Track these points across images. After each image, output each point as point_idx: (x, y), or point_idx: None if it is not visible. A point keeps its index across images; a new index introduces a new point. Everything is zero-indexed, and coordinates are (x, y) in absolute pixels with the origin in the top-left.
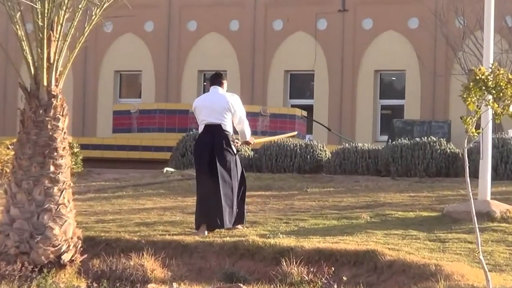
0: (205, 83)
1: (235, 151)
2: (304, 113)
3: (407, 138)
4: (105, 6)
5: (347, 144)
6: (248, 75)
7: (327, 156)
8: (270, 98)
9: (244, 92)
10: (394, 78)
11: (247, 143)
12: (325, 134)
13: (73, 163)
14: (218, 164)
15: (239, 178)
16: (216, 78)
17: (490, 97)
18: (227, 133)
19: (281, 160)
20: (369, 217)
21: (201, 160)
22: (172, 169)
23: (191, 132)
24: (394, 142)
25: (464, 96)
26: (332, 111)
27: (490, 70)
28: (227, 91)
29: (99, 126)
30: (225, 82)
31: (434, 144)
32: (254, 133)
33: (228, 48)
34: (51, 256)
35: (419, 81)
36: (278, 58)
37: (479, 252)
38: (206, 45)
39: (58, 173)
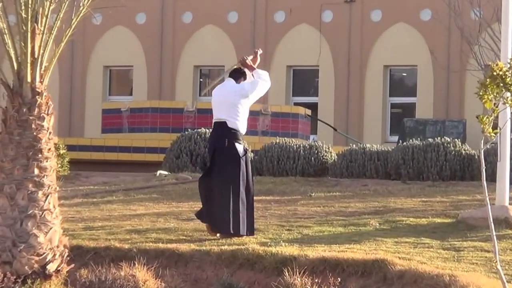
0: (201, 80)
1: (241, 153)
2: (308, 111)
3: (419, 139)
4: None
5: (354, 145)
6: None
7: (333, 158)
8: (271, 96)
9: None
10: (405, 74)
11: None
12: (331, 135)
13: (59, 165)
14: (217, 165)
15: (243, 183)
16: (235, 72)
17: (509, 94)
18: (233, 131)
19: (283, 162)
20: (378, 224)
21: (205, 160)
22: (165, 172)
23: (186, 132)
24: (405, 143)
25: (480, 93)
26: (338, 109)
27: (508, 65)
28: None
29: (87, 125)
30: (243, 78)
31: (448, 145)
32: (254, 133)
33: (226, 41)
34: (36, 266)
35: (432, 77)
36: (280, 52)
37: (496, 261)
38: (203, 39)
39: (43, 177)
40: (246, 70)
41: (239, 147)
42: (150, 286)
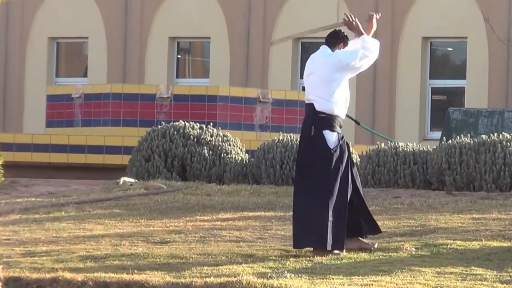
0: (179, 56)
1: (332, 143)
2: None
3: (469, 135)
4: None
5: (383, 144)
6: (241, 45)
7: (355, 161)
8: (272, 78)
9: (235, 70)
10: (450, 49)
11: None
12: (352, 130)
13: None
14: (303, 162)
15: (333, 184)
16: (331, 37)
17: None
18: (321, 116)
19: (288, 167)
20: (414, 249)
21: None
22: (132, 180)
23: (159, 127)
24: (450, 141)
25: None
26: (361, 95)
27: None
28: None
29: (26, 117)
30: (342, 45)
31: (509, 144)
32: (250, 127)
33: (213, 6)
34: None
35: (487, 53)
36: (285, 18)
37: None
38: (181, 3)
39: None
40: (350, 36)
41: (330, 136)
42: None
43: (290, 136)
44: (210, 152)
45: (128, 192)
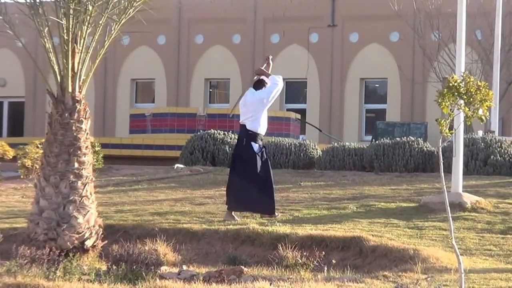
0: (210, 90)
1: (256, 149)
2: (298, 116)
3: (388, 138)
4: (122, 22)
5: (336, 143)
6: (248, 81)
7: (318, 154)
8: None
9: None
10: (377, 85)
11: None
12: (317, 135)
13: (95, 160)
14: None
15: (256, 171)
16: (257, 83)
17: (462, 101)
18: (250, 133)
19: (277, 157)
20: (355, 207)
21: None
22: (182, 165)
23: (198, 133)
24: (377, 142)
25: (439, 101)
26: (323, 114)
27: (462, 78)
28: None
29: (117, 127)
30: (264, 87)
31: (413, 143)
32: None
33: (231, 58)
34: (76, 242)
35: (399, 87)
36: (276, 67)
37: (452, 238)
38: (212, 56)
39: (82, 169)
40: (264, 77)
41: (255, 146)
42: (169, 259)
43: (279, 139)
44: (230, 148)
45: (180, 173)
